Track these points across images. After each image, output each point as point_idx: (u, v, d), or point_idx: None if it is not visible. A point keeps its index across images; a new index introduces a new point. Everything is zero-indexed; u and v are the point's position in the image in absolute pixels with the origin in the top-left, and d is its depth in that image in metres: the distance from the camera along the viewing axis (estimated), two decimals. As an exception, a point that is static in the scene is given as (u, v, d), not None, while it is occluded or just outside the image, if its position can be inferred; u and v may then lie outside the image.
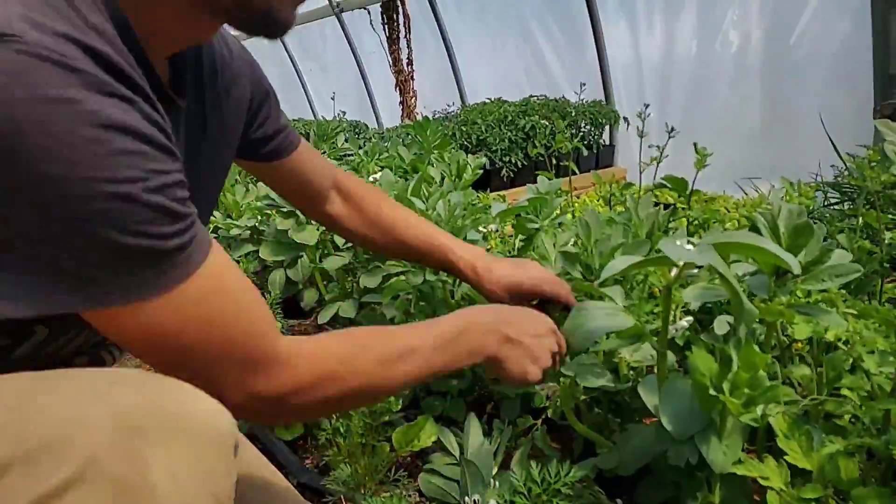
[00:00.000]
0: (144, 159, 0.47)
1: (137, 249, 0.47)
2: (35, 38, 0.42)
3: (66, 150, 0.42)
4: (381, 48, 5.75)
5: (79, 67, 0.43)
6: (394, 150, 2.29)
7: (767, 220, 0.78)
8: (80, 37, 0.45)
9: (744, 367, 0.70)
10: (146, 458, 0.44)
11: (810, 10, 3.10)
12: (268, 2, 0.60)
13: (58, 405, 0.44)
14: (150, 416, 0.45)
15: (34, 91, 0.41)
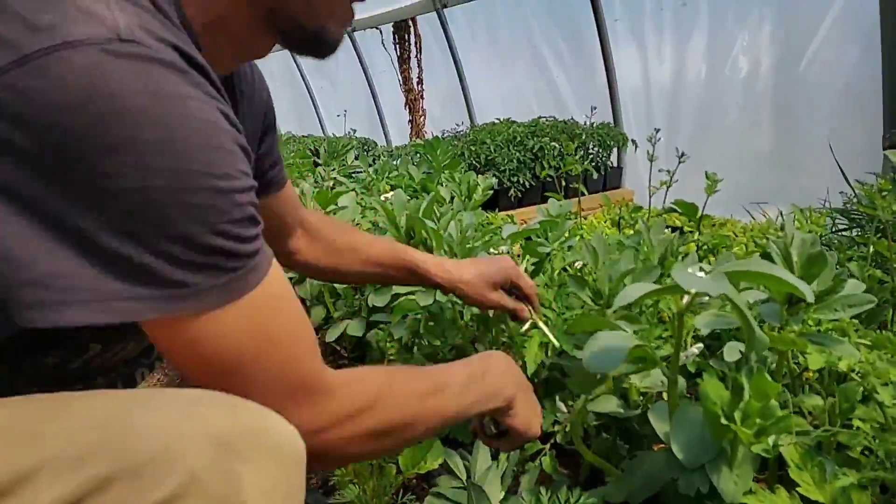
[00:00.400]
0: (237, 159, 0.48)
1: (221, 250, 0.47)
2: (149, 42, 0.44)
3: (178, 143, 0.43)
4: (392, 67, 5.81)
5: (186, 69, 0.46)
6: (403, 169, 2.31)
7: (780, 248, 0.78)
8: (182, 46, 0.47)
9: (755, 396, 0.69)
10: (240, 475, 0.45)
11: (820, 38, 3.12)
12: (320, 22, 0.63)
13: (156, 421, 0.44)
14: (240, 434, 0.46)
15: (151, 87, 0.43)
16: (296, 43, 0.65)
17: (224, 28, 0.61)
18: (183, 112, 0.44)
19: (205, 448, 0.44)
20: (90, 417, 0.45)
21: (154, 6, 0.49)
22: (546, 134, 3.82)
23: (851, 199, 2.37)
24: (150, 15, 0.47)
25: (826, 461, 0.75)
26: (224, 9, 0.60)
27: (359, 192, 2.15)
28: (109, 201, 0.43)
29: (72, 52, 0.41)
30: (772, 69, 3.40)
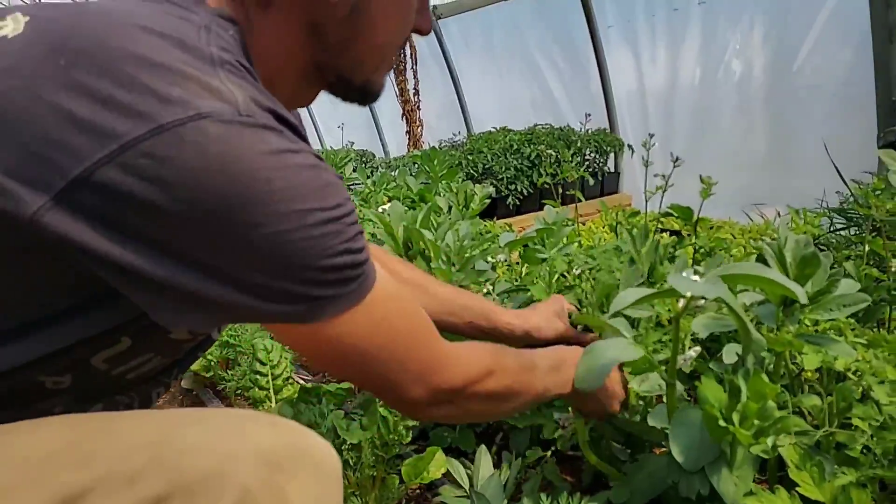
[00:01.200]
0: (340, 188, 0.55)
1: (345, 265, 0.54)
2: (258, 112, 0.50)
3: (297, 189, 0.50)
4: (388, 78, 5.84)
5: (281, 129, 0.52)
6: (401, 180, 2.32)
7: (774, 250, 0.79)
8: (275, 108, 0.53)
9: (753, 397, 0.70)
10: (288, 493, 0.48)
11: (812, 39, 3.14)
12: (366, 77, 0.68)
13: (205, 440, 0.47)
14: (284, 451, 0.49)
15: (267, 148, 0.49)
16: (342, 93, 0.70)
17: (280, 81, 0.65)
18: (294, 163, 0.51)
19: (254, 466, 0.46)
20: (140, 436, 0.47)
21: (246, 70, 0.54)
22: (542, 141, 3.84)
23: (847, 199, 2.38)
24: (251, 84, 0.52)
25: (825, 460, 0.75)
26: (277, 67, 0.64)
27: (357, 203, 2.16)
28: (249, 246, 0.49)
29: (206, 122, 0.46)
30: (765, 72, 3.41)
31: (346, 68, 0.67)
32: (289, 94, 0.67)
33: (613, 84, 4.21)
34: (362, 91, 0.70)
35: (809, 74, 3.19)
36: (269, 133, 0.50)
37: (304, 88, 0.69)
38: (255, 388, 1.24)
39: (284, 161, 0.50)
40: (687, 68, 3.80)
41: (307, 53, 0.64)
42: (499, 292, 1.24)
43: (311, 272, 0.52)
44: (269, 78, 0.63)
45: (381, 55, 0.68)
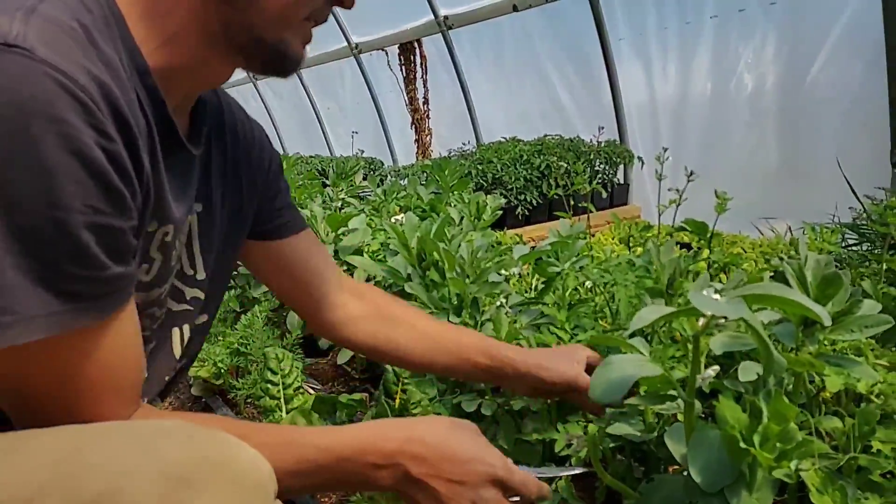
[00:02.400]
0: (91, 194, 0.48)
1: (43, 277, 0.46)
2: (44, 53, 0.45)
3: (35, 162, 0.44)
4: (398, 88, 5.87)
5: (76, 93, 0.46)
6: (412, 189, 2.32)
7: (794, 269, 0.78)
8: (91, 67, 0.48)
9: (774, 419, 0.69)
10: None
11: (824, 55, 3.13)
12: (280, 36, 0.63)
13: (107, 459, 0.45)
14: (196, 467, 0.46)
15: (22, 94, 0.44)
16: (257, 59, 0.65)
17: (178, 49, 0.61)
18: (52, 137, 0.45)
19: (155, 483, 0.44)
20: (46, 454, 0.45)
21: (86, 32, 0.50)
22: (552, 152, 3.84)
23: (861, 215, 2.36)
24: (68, 36, 0.48)
25: (847, 485, 0.74)
26: (176, 27, 0.60)
27: (368, 213, 2.16)
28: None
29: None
30: (777, 86, 3.41)
31: (256, 24, 0.61)
32: (196, 63, 0.64)
33: (624, 96, 4.21)
34: (278, 54, 0.64)
35: (822, 89, 3.18)
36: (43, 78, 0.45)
37: (214, 56, 0.64)
38: (266, 396, 1.23)
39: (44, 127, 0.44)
40: (698, 81, 3.80)
41: (210, 10, 0.60)
42: (512, 305, 1.23)
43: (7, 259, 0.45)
44: (165, 46, 0.60)
45: (292, 8, 0.62)
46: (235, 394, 1.38)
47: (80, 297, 0.49)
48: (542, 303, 1.24)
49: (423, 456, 0.66)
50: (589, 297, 1.33)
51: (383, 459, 0.65)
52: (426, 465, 0.66)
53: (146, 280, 0.70)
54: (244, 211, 0.85)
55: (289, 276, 0.92)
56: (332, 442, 0.64)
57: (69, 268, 0.48)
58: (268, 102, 8.12)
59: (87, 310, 0.50)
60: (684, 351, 1.07)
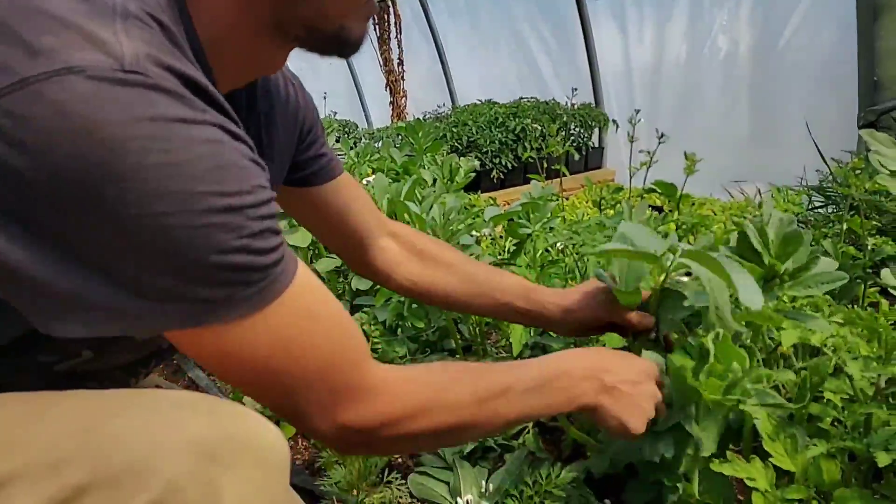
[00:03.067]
0: (249, 174, 0.48)
1: (241, 265, 0.46)
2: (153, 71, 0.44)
3: (183, 166, 0.43)
4: (372, 48, 5.75)
5: (187, 95, 0.45)
6: (385, 152, 2.30)
7: (757, 227, 0.80)
8: (185, 70, 0.47)
9: (720, 358, 0.72)
10: (221, 485, 0.45)
11: (798, 18, 3.14)
12: (338, 22, 0.59)
13: (135, 429, 0.44)
14: (221, 442, 0.46)
15: (152, 113, 0.42)
16: (316, 47, 0.62)
17: (231, 42, 0.58)
18: (186, 136, 0.44)
19: (184, 456, 0.44)
20: (70, 422, 0.45)
21: (161, 26, 0.48)
22: (528, 115, 3.82)
23: (827, 178, 2.41)
24: (157, 39, 0.46)
25: (798, 432, 0.78)
26: (228, 22, 0.57)
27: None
28: (119, 229, 0.42)
29: (74, 78, 0.40)
30: (750, 50, 3.42)
31: (311, 17, 0.58)
32: (248, 56, 0.61)
33: (600, 59, 4.19)
34: (338, 41, 0.61)
35: (793, 53, 3.20)
36: (160, 95, 0.43)
37: (267, 47, 0.61)
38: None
39: (171, 131, 0.43)
40: (673, 45, 3.79)
41: (261, 5, 0.56)
42: (483, 266, 1.24)
43: (195, 268, 0.44)
44: (220, 38, 0.57)
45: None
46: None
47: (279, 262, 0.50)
48: (513, 264, 1.25)
49: (610, 368, 0.75)
50: (560, 258, 1.35)
51: (585, 372, 0.73)
52: (613, 375, 0.74)
53: None
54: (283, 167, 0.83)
55: (329, 222, 0.92)
56: (544, 366, 0.72)
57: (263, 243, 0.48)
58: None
59: (285, 272, 0.51)
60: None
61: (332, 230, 0.94)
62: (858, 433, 0.73)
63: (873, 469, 0.73)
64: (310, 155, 0.88)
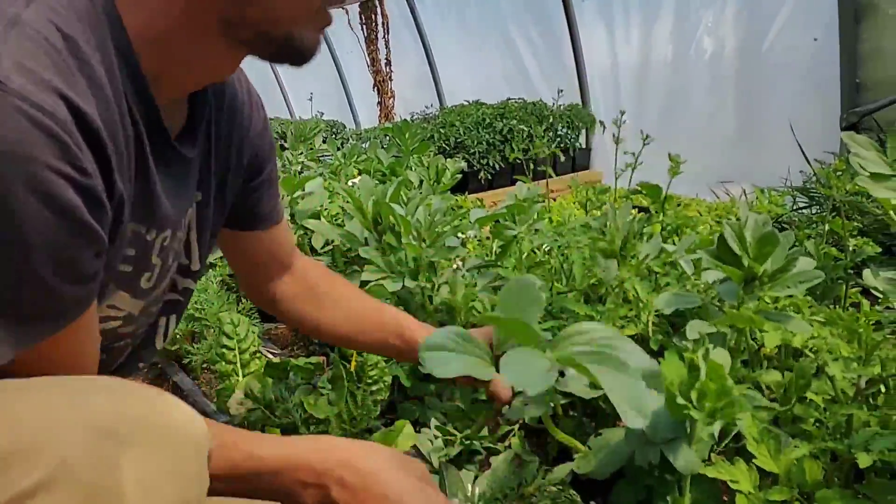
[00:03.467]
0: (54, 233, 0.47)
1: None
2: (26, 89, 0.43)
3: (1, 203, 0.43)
4: (360, 48, 5.73)
5: (54, 132, 0.45)
6: (372, 153, 2.30)
7: (735, 229, 0.81)
8: (66, 91, 0.46)
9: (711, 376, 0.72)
10: (119, 463, 0.45)
11: (782, 20, 3.17)
12: (287, 28, 0.58)
13: (32, 413, 0.45)
14: (125, 422, 0.46)
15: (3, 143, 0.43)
16: (266, 53, 0.61)
17: (175, 44, 0.57)
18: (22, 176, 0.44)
19: (80, 435, 0.44)
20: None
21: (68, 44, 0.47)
22: (515, 116, 3.82)
23: (811, 178, 2.44)
24: (42, 49, 0.46)
25: (781, 434, 0.78)
26: (170, 23, 0.55)
27: (327, 176, 2.13)
28: None
29: None
30: (736, 50, 3.45)
31: (259, 20, 0.57)
32: (195, 58, 0.60)
33: (587, 59, 4.20)
34: (288, 48, 0.60)
35: (779, 54, 3.23)
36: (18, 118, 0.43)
37: (214, 49, 0.60)
38: (222, 361, 1.22)
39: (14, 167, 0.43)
40: (660, 45, 3.81)
41: (207, 5, 0.55)
42: (468, 268, 1.24)
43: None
44: (161, 39, 0.56)
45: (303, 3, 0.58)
46: (191, 359, 1.37)
47: (38, 318, 0.49)
48: (498, 265, 1.25)
49: (349, 483, 0.64)
50: (545, 259, 1.35)
51: (312, 478, 0.64)
52: (348, 493, 0.64)
53: (148, 287, 0.69)
54: (226, 196, 0.82)
55: (247, 259, 0.93)
56: (268, 453, 0.63)
57: (26, 295, 0.48)
58: (225, 63, 7.84)
59: (44, 326, 0.50)
60: (636, 310, 1.10)
61: (246, 264, 0.95)
62: (840, 434, 0.74)
63: (854, 469, 0.74)
64: (257, 196, 0.87)
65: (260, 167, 0.85)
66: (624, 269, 1.10)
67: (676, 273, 1.16)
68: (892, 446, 0.65)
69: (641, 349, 0.74)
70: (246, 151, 0.81)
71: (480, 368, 0.69)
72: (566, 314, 1.12)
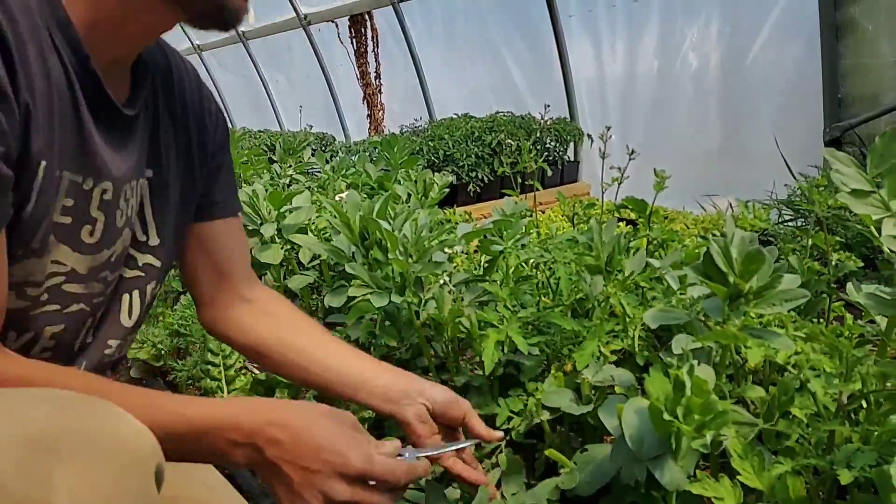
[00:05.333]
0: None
1: None
2: None
3: None
4: (350, 61, 5.75)
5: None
6: (360, 166, 2.30)
7: (721, 246, 0.81)
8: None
9: (696, 392, 0.72)
10: (53, 478, 0.44)
11: (765, 35, 3.22)
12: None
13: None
14: (64, 436, 0.45)
15: None
16: (192, 10, 0.65)
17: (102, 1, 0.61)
18: None
19: (13, 449, 0.43)
20: None
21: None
22: (503, 129, 3.85)
23: (795, 192, 2.47)
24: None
25: (765, 451, 0.78)
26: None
27: (315, 190, 2.13)
28: None
29: None
30: (720, 66, 3.50)
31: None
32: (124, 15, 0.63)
33: (574, 73, 4.24)
34: (214, 4, 0.64)
35: (762, 69, 3.27)
36: None
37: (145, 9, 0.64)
38: (207, 378, 1.21)
39: None
40: (645, 60, 3.86)
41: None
42: (455, 283, 1.24)
43: None
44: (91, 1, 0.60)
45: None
46: (176, 375, 1.36)
47: None
48: (486, 280, 1.25)
49: (280, 439, 0.63)
50: (532, 274, 1.35)
51: (241, 437, 0.63)
52: (281, 449, 0.63)
53: (91, 242, 0.70)
54: (195, 177, 0.85)
55: (202, 258, 0.90)
56: (195, 413, 0.62)
57: None
58: (213, 73, 7.84)
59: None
60: (623, 325, 1.11)
61: (201, 268, 0.91)
62: (822, 450, 0.74)
63: (837, 485, 0.74)
64: (213, 181, 0.88)
65: (214, 153, 0.87)
66: (610, 284, 1.11)
67: (662, 287, 1.17)
68: (873, 462, 0.66)
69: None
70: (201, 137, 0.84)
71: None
72: (553, 329, 1.12)
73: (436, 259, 1.17)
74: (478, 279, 1.24)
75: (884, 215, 0.86)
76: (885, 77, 2.63)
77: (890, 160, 0.90)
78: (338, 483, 0.63)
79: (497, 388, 1.15)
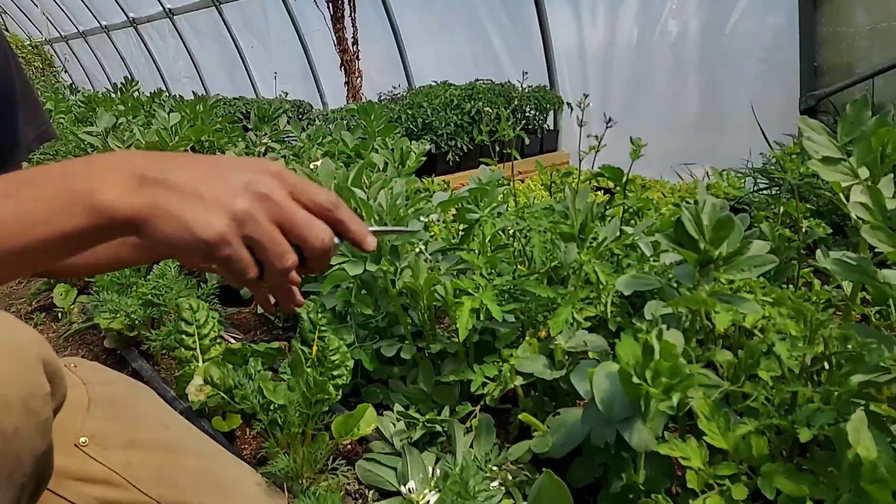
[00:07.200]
0: None
1: None
2: None
3: None
4: (326, 26, 5.61)
5: None
6: (337, 134, 2.26)
7: (692, 213, 0.82)
8: None
9: (664, 355, 0.74)
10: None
11: (743, 4, 3.21)
12: None
13: None
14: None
15: None
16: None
17: None
18: None
19: None
20: None
21: None
22: (483, 97, 3.81)
23: (770, 160, 2.49)
24: None
25: (731, 412, 0.80)
26: None
27: (290, 159, 2.09)
28: None
29: None
30: (699, 34, 3.48)
31: None
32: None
33: (554, 42, 4.19)
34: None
35: (740, 38, 3.27)
36: None
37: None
38: (181, 347, 1.20)
39: None
40: (625, 28, 3.82)
41: None
42: (432, 251, 1.24)
43: None
44: None
45: None
46: (150, 345, 1.34)
47: None
48: (462, 248, 1.25)
49: (165, 156, 0.50)
50: (508, 242, 1.35)
51: (111, 162, 0.48)
52: (168, 163, 0.48)
53: None
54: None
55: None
56: (44, 169, 0.48)
57: None
58: (186, 39, 7.62)
59: None
60: (597, 292, 1.12)
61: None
62: (784, 410, 0.76)
63: (798, 443, 0.77)
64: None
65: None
66: (584, 251, 1.11)
67: (637, 255, 1.18)
68: (832, 420, 0.68)
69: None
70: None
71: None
72: (528, 296, 1.13)
73: (412, 227, 1.16)
74: (454, 248, 1.24)
75: (852, 182, 0.88)
76: (860, 46, 2.65)
77: (860, 128, 0.91)
78: (265, 177, 0.49)
79: (473, 354, 1.16)
